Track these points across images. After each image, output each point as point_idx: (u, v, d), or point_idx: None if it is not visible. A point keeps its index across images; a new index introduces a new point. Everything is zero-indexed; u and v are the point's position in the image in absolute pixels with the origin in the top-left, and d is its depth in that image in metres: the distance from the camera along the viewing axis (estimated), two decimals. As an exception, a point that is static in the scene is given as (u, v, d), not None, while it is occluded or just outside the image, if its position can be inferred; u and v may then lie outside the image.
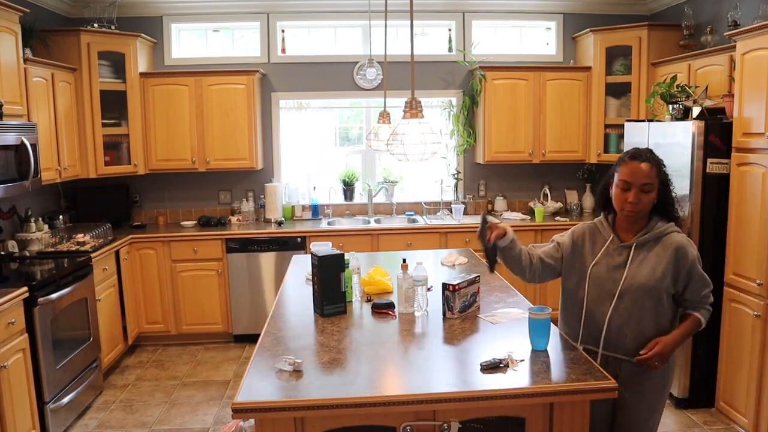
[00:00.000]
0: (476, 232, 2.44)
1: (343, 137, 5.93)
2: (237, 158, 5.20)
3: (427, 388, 1.96)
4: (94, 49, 4.71)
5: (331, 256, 2.68)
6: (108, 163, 4.93)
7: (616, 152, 5.22)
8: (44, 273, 3.59)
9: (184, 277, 4.98)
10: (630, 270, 2.21)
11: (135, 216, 5.51)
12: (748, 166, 3.38)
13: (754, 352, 3.31)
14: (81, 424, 3.76)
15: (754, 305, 3.31)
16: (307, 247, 4.98)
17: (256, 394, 1.94)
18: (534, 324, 2.24)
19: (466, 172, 5.75)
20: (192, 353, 4.93)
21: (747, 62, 3.37)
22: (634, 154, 2.25)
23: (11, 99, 3.66)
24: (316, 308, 2.76)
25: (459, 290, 2.61)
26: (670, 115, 4.02)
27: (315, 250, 2.78)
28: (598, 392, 1.96)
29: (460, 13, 5.57)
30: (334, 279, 2.69)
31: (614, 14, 5.54)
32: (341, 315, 2.72)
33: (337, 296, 2.71)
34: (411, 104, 2.48)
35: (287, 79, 5.54)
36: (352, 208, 5.71)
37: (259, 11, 5.42)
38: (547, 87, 5.30)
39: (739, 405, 3.46)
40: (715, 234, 3.65)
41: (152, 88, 5.07)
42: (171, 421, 3.79)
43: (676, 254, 2.20)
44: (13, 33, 3.73)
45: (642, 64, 4.97)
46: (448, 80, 5.64)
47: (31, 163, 3.69)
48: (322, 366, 2.15)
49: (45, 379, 3.36)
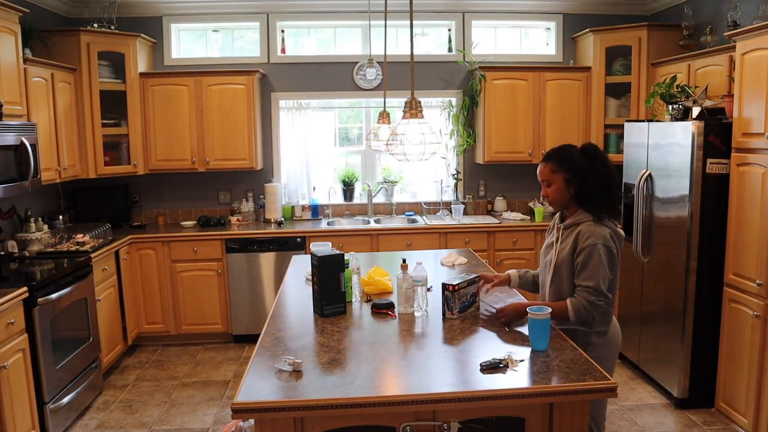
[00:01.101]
0: (478, 274, 2.80)
1: (343, 137, 5.93)
2: (237, 158, 5.20)
3: (427, 388, 1.96)
4: (94, 49, 4.71)
5: (330, 256, 2.68)
6: (108, 163, 4.93)
7: (616, 152, 5.22)
8: (44, 273, 3.59)
9: (184, 278, 4.98)
10: (556, 249, 2.53)
11: (135, 216, 5.51)
12: (747, 166, 3.38)
13: (753, 352, 3.31)
14: (81, 425, 3.76)
15: (753, 305, 3.32)
16: (306, 247, 4.98)
17: (256, 394, 1.93)
18: (534, 324, 2.24)
19: (465, 172, 5.75)
20: (192, 353, 4.93)
21: (747, 62, 3.37)
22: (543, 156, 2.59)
23: (11, 99, 3.66)
24: (316, 308, 2.75)
25: (459, 290, 2.61)
26: (669, 116, 4.02)
27: (315, 251, 2.78)
28: (598, 392, 1.96)
29: (460, 13, 5.57)
30: (333, 279, 2.69)
31: (614, 14, 5.54)
32: (341, 315, 2.72)
33: (337, 296, 2.71)
34: (411, 104, 2.48)
35: (287, 79, 5.54)
36: (351, 209, 5.71)
37: (258, 11, 5.42)
38: (546, 87, 5.30)
39: (738, 405, 3.46)
40: (715, 234, 3.65)
41: (152, 88, 5.07)
42: (171, 421, 3.79)
43: (575, 241, 2.44)
44: (13, 33, 3.73)
45: (642, 64, 4.97)
46: (448, 80, 5.64)
47: (31, 163, 3.69)
48: (322, 366, 2.14)
49: (45, 379, 3.36)
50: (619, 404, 3.88)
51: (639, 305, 4.27)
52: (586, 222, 2.44)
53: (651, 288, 4.13)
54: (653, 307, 4.10)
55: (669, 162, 3.86)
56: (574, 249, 2.43)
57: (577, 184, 2.45)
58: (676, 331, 3.82)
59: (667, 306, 3.93)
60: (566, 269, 2.46)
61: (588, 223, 2.43)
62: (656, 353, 4.07)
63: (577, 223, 2.46)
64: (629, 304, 4.42)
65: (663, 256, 3.97)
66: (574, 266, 2.44)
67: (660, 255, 4.00)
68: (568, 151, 2.51)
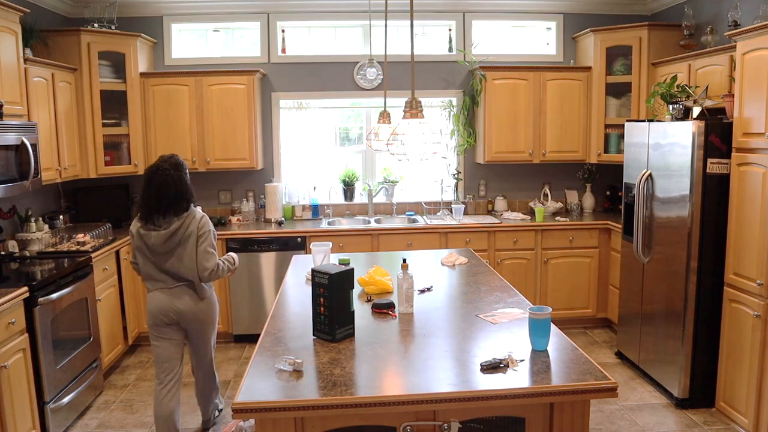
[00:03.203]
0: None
1: (343, 137, 5.93)
2: (237, 158, 5.20)
3: (427, 388, 1.96)
4: (95, 49, 4.72)
5: (341, 273, 2.37)
6: (108, 163, 4.94)
7: (616, 152, 5.23)
8: (44, 273, 3.59)
9: (185, 277, 4.98)
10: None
11: (135, 216, 5.50)
12: (748, 166, 3.38)
13: (754, 352, 3.31)
14: (81, 424, 3.76)
15: (754, 305, 3.31)
16: (307, 247, 4.98)
17: (256, 394, 1.94)
18: (534, 324, 2.24)
19: (466, 172, 5.75)
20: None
21: (747, 62, 3.37)
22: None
23: (11, 99, 3.67)
24: (323, 333, 2.40)
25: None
26: (670, 115, 4.02)
27: (317, 267, 2.46)
28: (598, 392, 1.96)
29: (461, 13, 5.57)
30: (344, 298, 2.39)
31: (614, 14, 5.54)
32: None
33: (348, 317, 2.43)
34: (411, 104, 2.48)
35: (287, 79, 5.54)
36: (352, 208, 5.71)
37: (259, 11, 5.43)
38: (547, 87, 5.30)
39: (739, 405, 3.46)
40: (716, 234, 3.65)
41: (152, 88, 5.07)
42: (171, 421, 3.79)
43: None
44: (14, 33, 3.73)
45: (642, 64, 4.97)
46: (449, 80, 5.64)
47: (32, 163, 3.70)
48: (322, 366, 2.15)
49: (45, 379, 3.36)
50: (620, 404, 3.88)
51: (639, 305, 4.27)
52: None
53: (651, 288, 4.13)
54: (654, 307, 4.10)
55: (669, 162, 3.86)
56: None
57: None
58: (676, 330, 3.82)
59: (667, 306, 3.93)
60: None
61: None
62: (656, 353, 4.07)
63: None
64: (630, 303, 4.43)
65: (663, 256, 3.97)
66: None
67: (660, 255, 4.00)
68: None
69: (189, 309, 3.24)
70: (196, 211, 3.26)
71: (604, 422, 3.66)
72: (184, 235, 3.15)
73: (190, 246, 3.16)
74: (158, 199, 3.13)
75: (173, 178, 3.16)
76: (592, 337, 5.12)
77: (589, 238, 5.17)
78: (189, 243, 3.16)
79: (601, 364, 4.32)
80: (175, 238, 3.14)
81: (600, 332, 5.24)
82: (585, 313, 5.27)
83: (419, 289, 3.10)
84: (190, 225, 3.17)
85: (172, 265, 3.17)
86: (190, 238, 3.15)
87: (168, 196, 3.13)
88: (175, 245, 3.15)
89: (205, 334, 3.42)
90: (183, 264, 3.17)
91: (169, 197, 3.14)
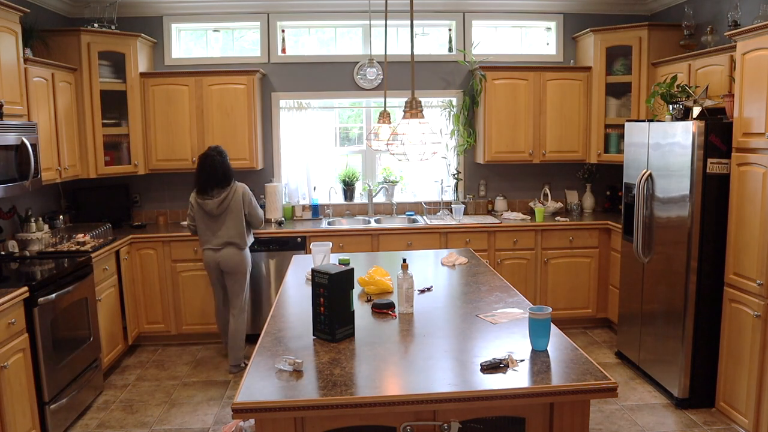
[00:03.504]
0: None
1: (343, 137, 5.93)
2: (237, 158, 5.19)
3: (427, 388, 1.96)
4: (95, 49, 4.71)
5: (340, 273, 2.36)
6: (108, 163, 4.94)
7: (616, 152, 5.23)
8: (44, 273, 3.59)
9: (185, 277, 4.98)
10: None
11: (135, 216, 5.51)
12: (748, 166, 3.38)
13: (754, 352, 3.31)
14: (81, 424, 3.76)
15: (754, 305, 3.31)
16: (307, 247, 4.98)
17: (256, 394, 1.94)
18: (534, 324, 2.24)
19: (466, 172, 5.75)
20: (192, 353, 4.93)
21: (747, 62, 3.37)
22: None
23: (11, 99, 3.67)
24: (323, 333, 2.40)
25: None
26: (670, 115, 4.02)
27: (317, 266, 2.46)
28: (598, 392, 1.96)
29: (461, 13, 5.57)
30: (344, 298, 2.39)
31: (614, 14, 5.54)
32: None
33: (348, 317, 2.43)
34: (411, 104, 2.48)
35: (287, 79, 5.54)
36: (352, 208, 5.71)
37: (259, 11, 5.43)
38: (547, 87, 5.30)
39: (739, 405, 3.46)
40: (715, 234, 3.65)
41: (152, 88, 5.07)
42: (171, 421, 3.79)
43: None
44: (14, 33, 3.73)
45: (642, 64, 4.97)
46: (449, 80, 5.64)
47: (32, 163, 3.70)
48: (322, 366, 2.15)
49: (45, 379, 3.36)
50: (620, 404, 3.88)
51: (639, 305, 4.27)
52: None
53: (651, 288, 4.13)
54: (654, 307, 4.10)
55: (669, 162, 3.86)
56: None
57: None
58: (676, 330, 3.82)
59: (667, 306, 3.93)
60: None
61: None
62: (656, 353, 4.07)
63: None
64: (630, 303, 4.43)
65: (663, 256, 3.97)
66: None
67: (660, 255, 4.00)
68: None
69: (229, 260, 4.31)
70: (237, 184, 4.34)
71: (604, 422, 3.66)
72: (231, 202, 4.26)
73: (234, 214, 4.28)
74: (208, 177, 4.23)
75: (219, 162, 4.26)
76: (592, 337, 5.12)
77: (589, 238, 5.17)
78: (234, 211, 4.27)
79: (601, 364, 4.33)
80: (224, 204, 4.25)
81: (600, 332, 5.24)
82: (585, 313, 5.27)
83: (419, 289, 3.10)
84: (234, 194, 4.28)
85: (219, 227, 4.28)
86: (235, 208, 4.27)
87: (216, 174, 4.23)
88: (225, 210, 4.26)
89: (239, 281, 4.40)
90: (227, 228, 4.28)
91: (218, 175, 4.23)
